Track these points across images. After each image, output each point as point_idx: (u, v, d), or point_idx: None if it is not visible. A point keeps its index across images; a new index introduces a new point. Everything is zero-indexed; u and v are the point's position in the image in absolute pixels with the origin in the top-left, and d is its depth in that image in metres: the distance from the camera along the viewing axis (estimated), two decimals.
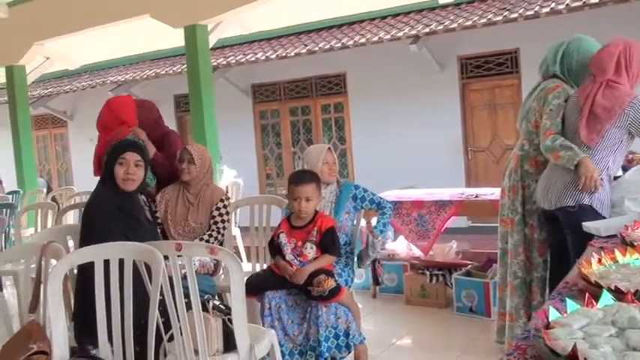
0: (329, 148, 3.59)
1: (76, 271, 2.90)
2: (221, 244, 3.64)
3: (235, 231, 5.65)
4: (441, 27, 7.60)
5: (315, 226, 3.22)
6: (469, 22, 7.36)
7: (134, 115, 4.10)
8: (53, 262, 2.76)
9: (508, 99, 8.12)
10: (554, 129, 3.07)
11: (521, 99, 7.77)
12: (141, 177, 3.04)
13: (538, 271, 3.39)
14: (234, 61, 9.34)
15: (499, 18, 7.14)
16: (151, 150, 3.90)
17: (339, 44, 8.35)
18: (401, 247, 5.25)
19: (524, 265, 3.39)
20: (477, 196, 4.68)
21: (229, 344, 2.59)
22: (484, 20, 7.25)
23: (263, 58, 9.05)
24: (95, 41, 9.08)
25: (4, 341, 2.64)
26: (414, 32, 7.79)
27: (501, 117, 8.13)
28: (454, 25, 7.45)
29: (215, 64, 8.89)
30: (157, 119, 4.31)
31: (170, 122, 11.07)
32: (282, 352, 3.00)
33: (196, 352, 2.47)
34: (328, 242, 3.19)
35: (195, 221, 3.72)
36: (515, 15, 7.03)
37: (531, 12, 6.92)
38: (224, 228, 3.73)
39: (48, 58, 9.89)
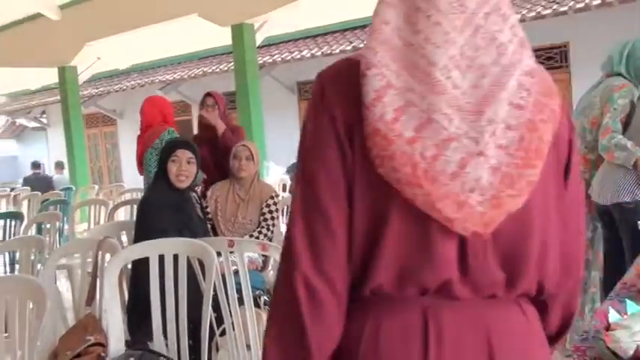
0: None
1: (130, 266, 2.96)
2: (270, 240, 3.67)
3: (283, 228, 5.69)
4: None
5: None
6: (518, 16, 7.20)
7: (171, 114, 4.38)
8: (108, 257, 2.84)
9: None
10: (612, 128, 3.00)
11: (571, 94, 7.61)
12: (193, 174, 3.10)
13: (593, 269, 3.33)
14: (279, 58, 9.41)
15: (548, 11, 7.00)
16: (221, 127, 4.21)
17: None
18: None
19: None
20: None
21: None
22: (533, 14, 7.12)
23: (308, 55, 9.09)
24: (144, 41, 9.25)
25: (61, 333, 2.73)
26: None
27: None
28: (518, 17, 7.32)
29: (261, 62, 8.97)
30: (223, 112, 4.42)
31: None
32: None
33: (248, 347, 2.50)
34: None
35: (245, 218, 3.77)
36: (565, 8, 6.88)
37: (582, 4, 6.76)
38: (273, 225, 3.76)
39: (99, 59, 10.13)
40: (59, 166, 12.26)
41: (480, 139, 0.87)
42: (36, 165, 12.23)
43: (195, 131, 4.94)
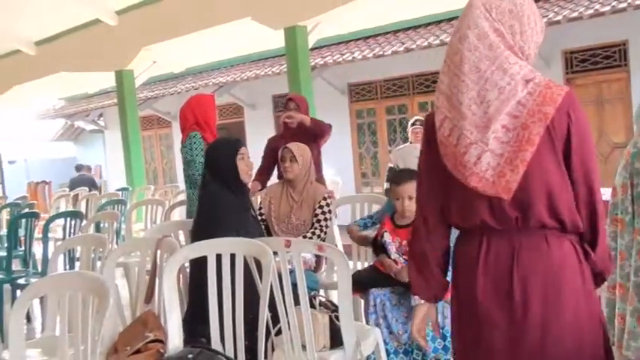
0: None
1: (187, 264, 3.00)
2: (323, 242, 3.68)
3: (335, 229, 5.68)
4: (544, 20, 7.31)
5: None
6: (575, 14, 7.05)
7: (208, 116, 4.30)
8: (166, 255, 2.89)
9: (616, 94, 7.70)
10: None
11: (630, 94, 7.38)
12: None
13: None
14: (331, 60, 9.41)
15: (607, 8, 6.80)
16: (306, 120, 4.45)
17: (438, 41, 8.23)
18: None
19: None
20: None
21: (335, 341, 2.61)
22: (591, 11, 6.92)
23: (360, 57, 9.06)
24: (198, 45, 9.40)
25: (119, 329, 2.79)
26: None
27: (609, 113, 7.73)
28: (559, 18, 7.16)
29: (313, 63, 8.99)
30: (305, 113, 4.59)
31: (268, 122, 11.36)
32: (386, 350, 2.98)
33: (304, 347, 2.51)
34: None
35: (299, 219, 3.78)
36: (623, 4, 6.66)
37: None
38: (327, 226, 3.77)
39: (154, 62, 10.35)
40: (79, 168, 13.03)
41: (487, 143, 1.56)
42: (79, 167, 13.08)
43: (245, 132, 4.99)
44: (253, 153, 3.40)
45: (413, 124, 6.27)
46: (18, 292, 4.72)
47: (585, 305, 1.64)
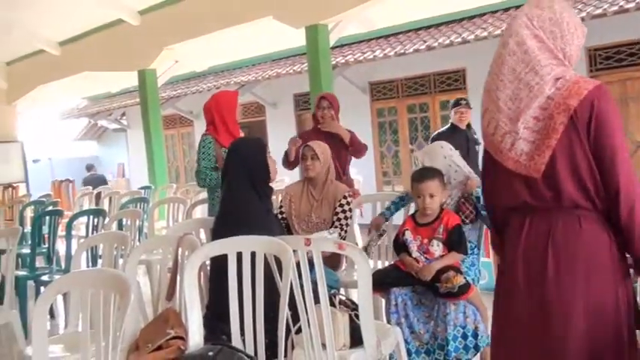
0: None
1: (208, 262, 3.01)
2: (343, 239, 3.67)
3: (356, 228, 5.67)
4: None
5: (442, 223, 3.16)
6: (599, 11, 6.95)
7: (225, 114, 4.22)
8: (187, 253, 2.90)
9: None
10: None
11: None
12: None
13: None
14: (352, 59, 9.38)
15: (631, 5, 6.69)
16: (346, 136, 4.63)
17: (460, 39, 8.17)
18: None
19: None
20: None
21: (355, 340, 2.60)
22: (615, 8, 6.82)
23: (381, 55, 9.03)
24: (220, 44, 9.44)
25: (141, 325, 2.81)
26: None
27: (634, 111, 7.61)
28: (582, 15, 7.05)
29: (334, 62, 8.97)
30: (336, 112, 4.73)
31: (290, 121, 11.38)
32: (408, 349, 2.97)
33: (323, 345, 2.50)
34: (455, 240, 3.13)
35: (319, 217, 3.78)
36: None
37: None
38: (347, 225, 3.76)
39: (177, 62, 10.41)
40: (89, 168, 13.61)
41: (518, 132, 1.83)
42: (90, 167, 13.71)
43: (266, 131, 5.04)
44: (275, 151, 3.40)
45: (457, 104, 6.00)
46: (41, 288, 4.79)
47: (612, 285, 1.79)
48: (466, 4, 8.66)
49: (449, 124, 6.10)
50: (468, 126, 6.00)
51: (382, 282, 3.12)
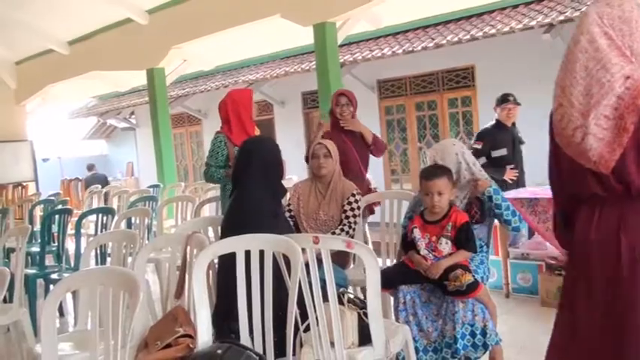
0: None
1: (216, 260, 3.01)
2: (352, 238, 3.66)
3: (366, 227, 5.66)
4: (577, 13, 7.18)
5: (450, 220, 3.15)
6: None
7: (240, 111, 4.26)
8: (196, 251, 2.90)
9: None
10: None
11: None
12: None
13: None
14: (360, 57, 9.36)
15: None
16: (369, 135, 4.60)
17: (468, 36, 8.13)
18: (536, 245, 5.04)
19: None
20: None
21: (364, 338, 2.60)
22: None
23: (389, 53, 9.00)
24: (228, 43, 9.44)
25: (150, 323, 2.82)
26: (547, 20, 7.41)
27: None
28: None
29: (342, 60, 8.96)
30: (355, 109, 4.68)
31: (298, 119, 11.38)
32: (416, 347, 2.96)
33: (332, 343, 2.50)
34: (464, 238, 3.12)
35: (327, 214, 3.77)
36: None
37: None
38: (355, 222, 3.75)
39: (185, 60, 10.43)
40: (90, 167, 13.89)
41: (588, 127, 1.87)
42: (91, 167, 13.98)
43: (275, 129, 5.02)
44: (283, 149, 3.38)
45: (504, 101, 5.69)
46: (51, 286, 4.81)
47: None
48: (474, 2, 8.62)
49: (494, 121, 5.82)
50: (513, 124, 5.78)
51: (390, 279, 3.11)
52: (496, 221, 3.65)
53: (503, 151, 5.63)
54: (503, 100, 5.73)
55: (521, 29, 7.61)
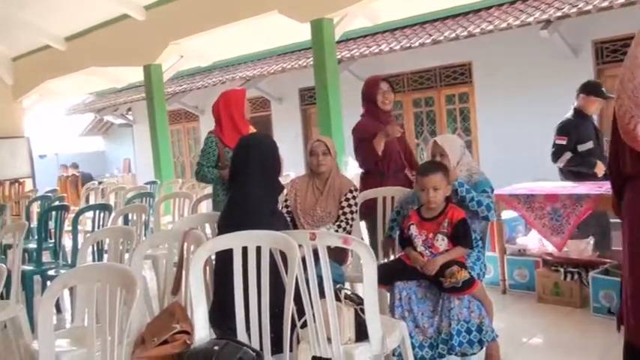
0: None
1: (213, 257, 3.01)
2: (349, 234, 3.67)
3: (363, 223, 5.66)
4: (574, 10, 7.20)
5: (446, 217, 3.16)
6: (606, 3, 6.90)
7: (232, 111, 4.25)
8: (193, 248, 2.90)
9: None
10: None
11: None
12: None
13: None
14: (358, 53, 9.37)
15: None
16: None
17: (465, 32, 8.14)
18: (533, 241, 5.05)
19: None
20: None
21: (361, 334, 2.60)
22: (622, 0, 6.78)
23: (387, 49, 9.01)
24: (225, 39, 9.43)
25: (147, 320, 2.82)
26: (545, 17, 7.43)
27: None
28: (589, 7, 7.02)
29: (339, 57, 8.96)
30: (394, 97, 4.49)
31: (295, 115, 11.38)
32: (412, 343, 2.97)
33: (329, 340, 2.50)
34: (460, 234, 3.12)
35: (324, 210, 3.77)
36: None
37: None
38: (352, 219, 3.76)
39: (182, 57, 10.41)
40: (74, 167, 14.54)
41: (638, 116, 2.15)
42: (75, 166, 14.74)
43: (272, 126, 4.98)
44: (281, 145, 3.37)
45: (598, 93, 5.11)
46: (48, 283, 4.80)
47: None
48: None
49: (572, 111, 5.25)
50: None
51: (387, 276, 3.11)
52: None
53: (589, 144, 5.14)
54: (596, 91, 5.15)
55: (518, 26, 7.62)
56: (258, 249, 2.50)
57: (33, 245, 5.79)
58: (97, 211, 5.52)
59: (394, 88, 4.39)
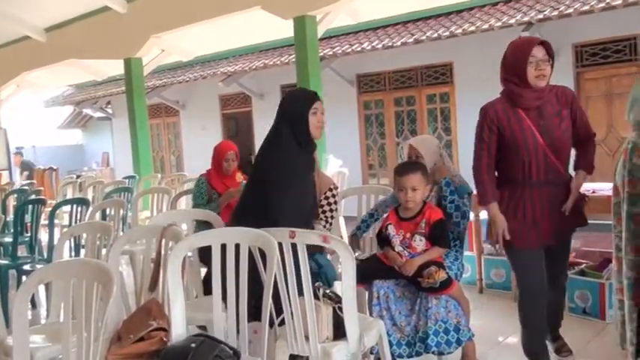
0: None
1: (190, 253, 2.99)
2: (329, 232, 3.67)
3: (341, 220, 5.67)
4: (555, 12, 7.28)
5: (424, 217, 3.17)
6: (586, 7, 6.98)
7: (215, 156, 4.73)
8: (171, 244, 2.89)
9: (626, 88, 7.58)
10: None
11: None
12: None
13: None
14: (340, 51, 9.37)
15: (619, 2, 6.74)
16: None
17: (447, 33, 8.18)
18: None
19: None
20: (593, 192, 4.44)
21: (339, 332, 2.61)
22: (602, 4, 6.86)
23: (369, 48, 9.03)
24: (207, 34, 9.37)
25: (123, 316, 2.80)
26: (526, 19, 7.50)
27: (618, 107, 7.67)
28: (570, 11, 7.10)
29: (321, 54, 8.95)
30: None
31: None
32: (389, 341, 2.98)
33: (307, 338, 2.51)
34: (438, 234, 3.13)
35: None
36: None
37: None
38: (332, 217, 3.74)
39: (163, 51, 10.33)
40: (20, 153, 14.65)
41: None
42: (20, 152, 14.99)
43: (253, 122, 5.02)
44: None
45: None
46: (23, 277, 4.75)
47: None
48: None
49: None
50: None
51: (365, 274, 3.12)
52: (472, 217, 3.68)
53: None
54: None
55: (500, 27, 7.68)
56: (237, 246, 2.49)
57: (9, 239, 5.71)
58: (75, 206, 5.47)
59: (553, 57, 3.09)
